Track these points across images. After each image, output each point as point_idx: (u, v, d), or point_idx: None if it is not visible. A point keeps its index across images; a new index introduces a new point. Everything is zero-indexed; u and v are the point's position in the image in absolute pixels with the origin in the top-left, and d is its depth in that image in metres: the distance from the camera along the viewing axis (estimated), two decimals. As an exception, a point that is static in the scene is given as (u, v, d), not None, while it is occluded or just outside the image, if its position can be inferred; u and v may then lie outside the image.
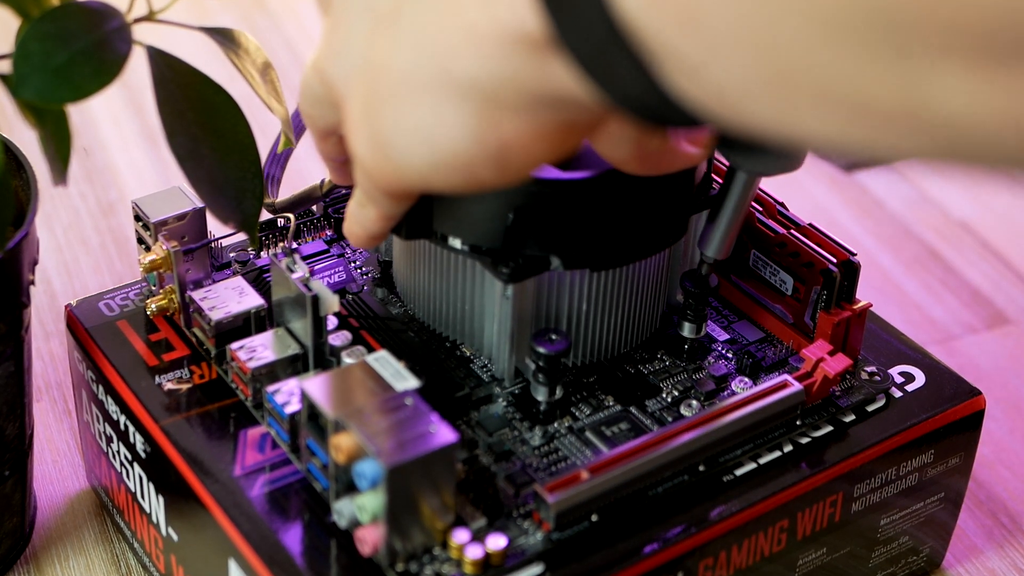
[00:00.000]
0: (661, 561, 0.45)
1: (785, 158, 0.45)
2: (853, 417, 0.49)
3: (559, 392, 0.48)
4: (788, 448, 0.48)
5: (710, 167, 0.50)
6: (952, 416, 0.51)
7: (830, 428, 0.49)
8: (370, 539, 0.42)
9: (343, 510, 0.43)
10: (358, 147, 0.41)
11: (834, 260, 0.50)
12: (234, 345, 0.48)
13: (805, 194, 0.78)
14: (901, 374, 0.52)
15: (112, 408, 0.51)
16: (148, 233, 0.51)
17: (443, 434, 0.41)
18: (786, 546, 0.48)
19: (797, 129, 0.29)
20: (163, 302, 0.51)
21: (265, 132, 0.52)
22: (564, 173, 0.45)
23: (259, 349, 0.47)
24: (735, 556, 0.47)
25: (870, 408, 0.50)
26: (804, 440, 0.48)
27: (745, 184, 0.47)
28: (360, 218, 0.45)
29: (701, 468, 0.47)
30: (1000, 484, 0.60)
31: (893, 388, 0.51)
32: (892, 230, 0.77)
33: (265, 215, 0.55)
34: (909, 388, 0.51)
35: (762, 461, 0.47)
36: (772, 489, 0.47)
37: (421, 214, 0.46)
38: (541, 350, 0.46)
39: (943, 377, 0.52)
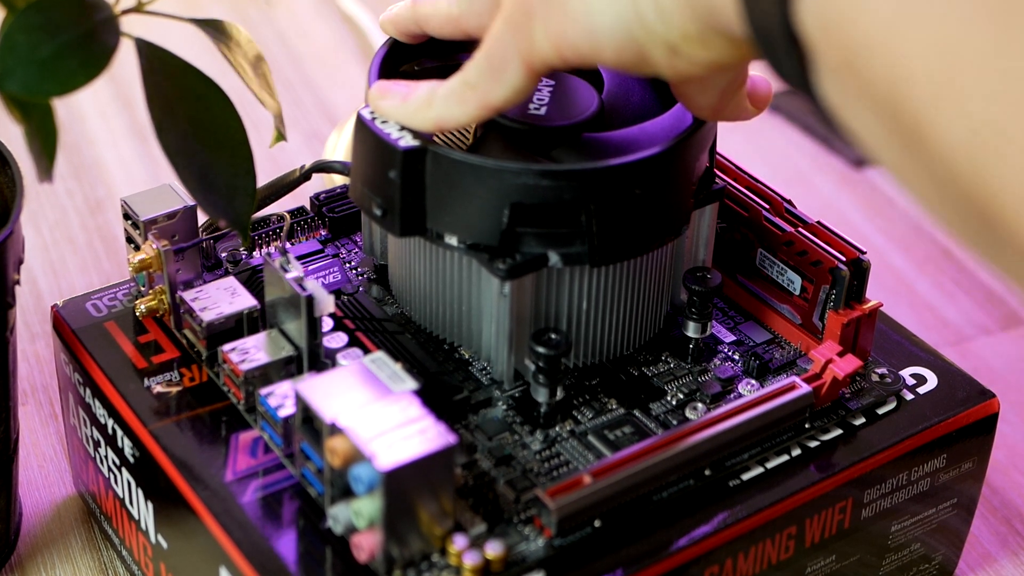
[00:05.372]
0: (665, 568, 0.44)
1: None
2: (863, 420, 0.49)
3: (560, 394, 0.47)
4: (796, 452, 0.48)
5: (712, 161, 0.49)
6: (965, 419, 0.50)
7: (839, 431, 0.48)
8: (367, 546, 0.42)
9: (339, 516, 0.42)
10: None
11: (843, 258, 0.49)
12: (226, 347, 0.47)
13: (814, 192, 0.77)
14: (913, 376, 0.51)
15: (100, 412, 0.50)
16: (137, 232, 0.51)
17: (441, 437, 0.41)
18: (794, 553, 0.48)
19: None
20: (152, 303, 0.51)
21: (257, 127, 0.51)
22: (561, 165, 0.45)
23: (252, 351, 0.47)
24: (741, 564, 0.46)
25: (881, 411, 0.49)
26: (813, 444, 0.48)
27: None
28: (454, 99, 0.44)
29: (707, 473, 0.46)
30: (1015, 490, 0.59)
31: (904, 390, 0.50)
32: (904, 229, 0.76)
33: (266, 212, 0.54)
34: (921, 390, 0.50)
35: (769, 465, 0.47)
36: (780, 494, 0.46)
37: (416, 210, 0.45)
38: (540, 350, 0.45)
39: (956, 379, 0.51)
